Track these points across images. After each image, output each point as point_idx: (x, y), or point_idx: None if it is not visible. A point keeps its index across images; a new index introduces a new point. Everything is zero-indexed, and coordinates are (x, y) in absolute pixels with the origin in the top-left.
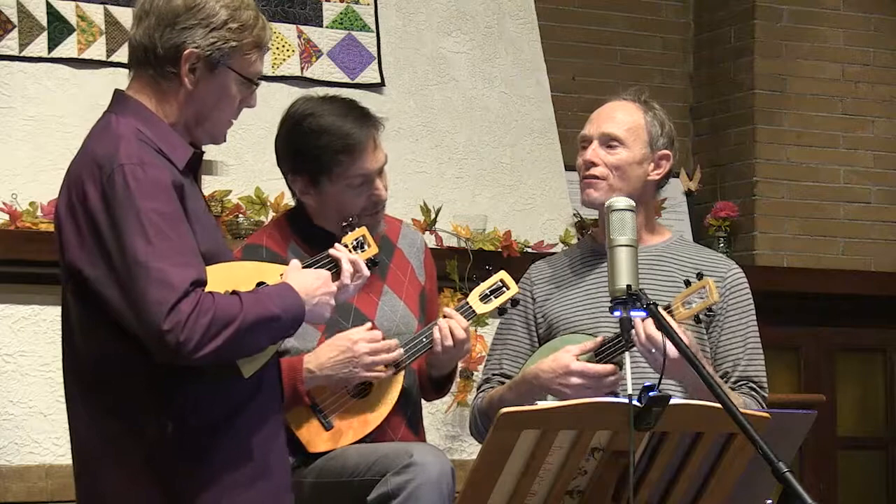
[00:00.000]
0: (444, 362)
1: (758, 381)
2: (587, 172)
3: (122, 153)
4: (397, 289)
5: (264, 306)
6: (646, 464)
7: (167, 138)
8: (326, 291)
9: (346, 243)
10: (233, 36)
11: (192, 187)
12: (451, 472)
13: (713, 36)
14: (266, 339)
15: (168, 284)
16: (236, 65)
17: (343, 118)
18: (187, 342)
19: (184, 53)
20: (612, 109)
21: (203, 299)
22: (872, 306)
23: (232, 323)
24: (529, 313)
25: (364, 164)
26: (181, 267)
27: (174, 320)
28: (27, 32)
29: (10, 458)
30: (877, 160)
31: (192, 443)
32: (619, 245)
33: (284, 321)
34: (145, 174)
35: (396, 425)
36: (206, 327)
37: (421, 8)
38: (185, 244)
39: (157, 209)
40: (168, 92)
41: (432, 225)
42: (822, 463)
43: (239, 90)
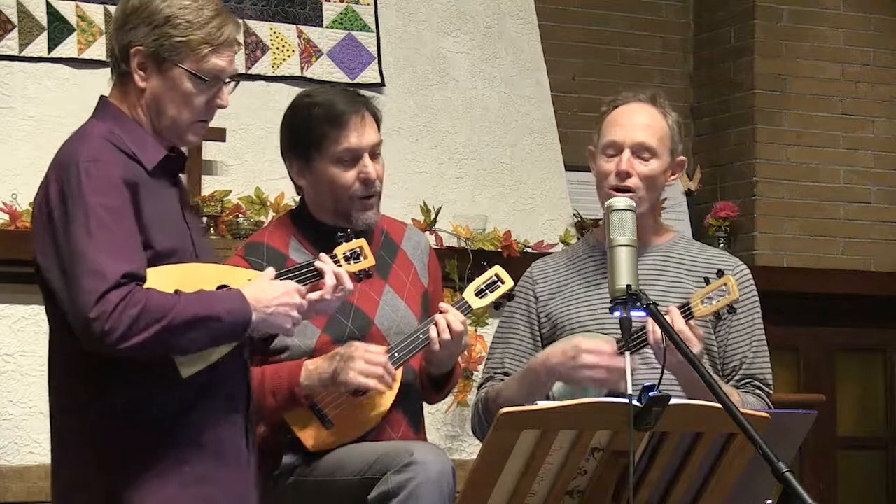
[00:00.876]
0: (442, 359)
1: (763, 378)
2: (623, 183)
3: (81, 152)
4: (399, 289)
5: (204, 306)
6: (646, 464)
7: (139, 140)
8: (286, 303)
9: (337, 253)
10: (177, 32)
11: (163, 188)
12: (451, 471)
13: (713, 36)
14: (203, 339)
15: (100, 274)
16: (185, 61)
17: (334, 95)
18: (111, 332)
19: (131, 51)
20: (639, 115)
21: (134, 292)
22: (872, 306)
23: (163, 318)
24: (532, 312)
25: (350, 138)
26: (117, 259)
27: (101, 309)
28: (27, 32)
29: (10, 458)
30: (877, 160)
31: (136, 437)
32: (619, 245)
33: (225, 324)
34: (97, 171)
35: (397, 422)
36: (134, 319)
37: (421, 8)
38: (126, 238)
39: (104, 203)
40: (129, 92)
41: (432, 225)
42: (822, 463)
43: (196, 88)
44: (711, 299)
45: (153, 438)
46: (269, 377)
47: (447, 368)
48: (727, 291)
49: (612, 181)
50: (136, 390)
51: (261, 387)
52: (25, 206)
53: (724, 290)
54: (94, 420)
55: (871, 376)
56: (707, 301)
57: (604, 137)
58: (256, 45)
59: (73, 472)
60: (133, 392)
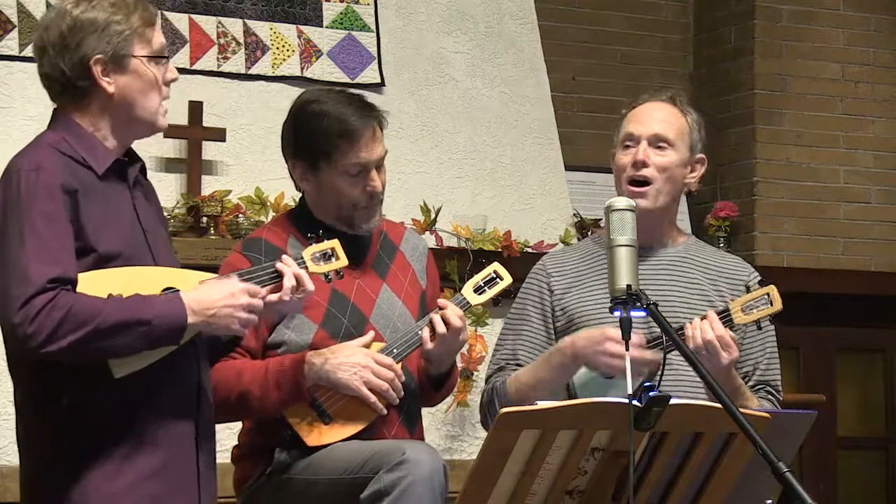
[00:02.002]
0: (441, 356)
1: (774, 385)
2: (638, 172)
3: (24, 160)
4: (396, 288)
5: (133, 311)
6: (646, 464)
7: (90, 147)
8: (230, 304)
9: (304, 255)
10: (121, 28)
11: (115, 191)
12: (443, 469)
13: (713, 36)
14: (134, 343)
15: (27, 280)
16: (139, 49)
17: (345, 106)
18: (35, 336)
19: (90, 63)
20: (656, 110)
21: (59, 296)
22: (872, 306)
23: (89, 322)
24: (547, 304)
25: (361, 153)
26: (45, 264)
27: (25, 314)
28: (27, 32)
29: (10, 458)
30: (877, 160)
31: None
32: (619, 245)
33: (156, 327)
34: (37, 178)
35: (391, 421)
36: (58, 323)
37: (421, 8)
38: (57, 244)
39: (39, 210)
40: (93, 104)
41: (432, 225)
42: (822, 463)
43: (157, 70)
44: (752, 308)
45: (98, 438)
46: (272, 370)
47: (446, 367)
48: (770, 302)
49: (629, 172)
50: (79, 391)
51: (264, 380)
52: None
53: (766, 300)
54: (42, 421)
55: (871, 376)
56: (748, 310)
57: (621, 133)
58: (256, 45)
59: (29, 472)
60: (75, 393)
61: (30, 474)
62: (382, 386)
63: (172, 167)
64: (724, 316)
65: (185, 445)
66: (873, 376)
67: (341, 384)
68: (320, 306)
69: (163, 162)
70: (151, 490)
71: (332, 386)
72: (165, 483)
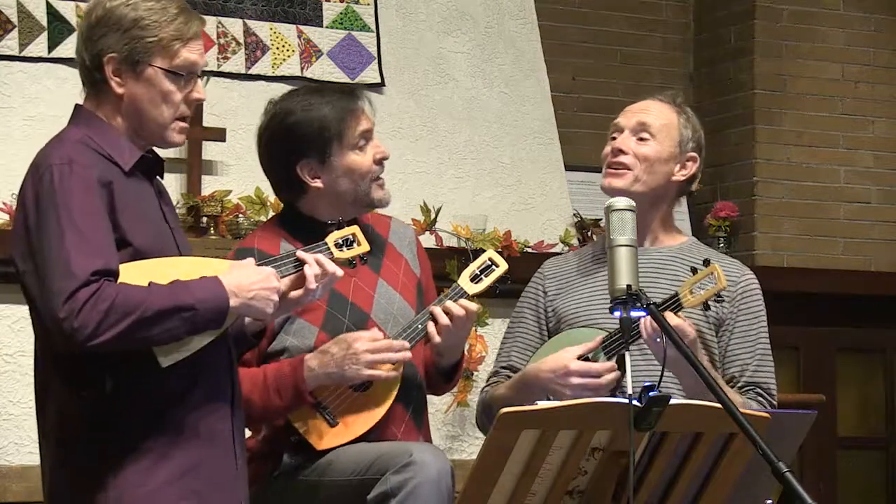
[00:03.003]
0: (450, 347)
1: (766, 387)
2: (614, 159)
3: (55, 155)
4: (392, 282)
5: (176, 296)
6: (646, 464)
7: (114, 142)
8: (265, 286)
9: (328, 242)
10: (146, 33)
11: (142, 188)
12: (450, 471)
13: (713, 36)
14: (179, 329)
15: (70, 274)
16: (158, 60)
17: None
18: (82, 329)
19: (104, 59)
20: (647, 104)
21: (103, 288)
22: (872, 306)
23: (133, 311)
24: (541, 307)
25: (362, 121)
26: (87, 257)
27: (70, 308)
28: (27, 32)
29: (10, 458)
30: (877, 160)
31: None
32: (619, 245)
33: (200, 312)
34: (71, 171)
35: (399, 417)
36: (104, 315)
37: (421, 8)
38: (96, 236)
39: (77, 204)
40: (106, 100)
41: (432, 225)
42: (822, 463)
43: (173, 85)
44: (700, 289)
45: (138, 432)
46: (271, 376)
47: (457, 357)
48: (714, 280)
49: (609, 159)
50: (121, 383)
51: (265, 387)
52: None
53: (712, 279)
54: (78, 413)
55: (871, 376)
56: (695, 292)
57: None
58: (256, 45)
59: (63, 469)
60: (117, 385)
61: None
62: (384, 357)
63: (172, 167)
64: (674, 301)
65: (223, 441)
66: (873, 376)
67: (347, 379)
68: (319, 309)
69: None
70: (192, 486)
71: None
72: (205, 479)
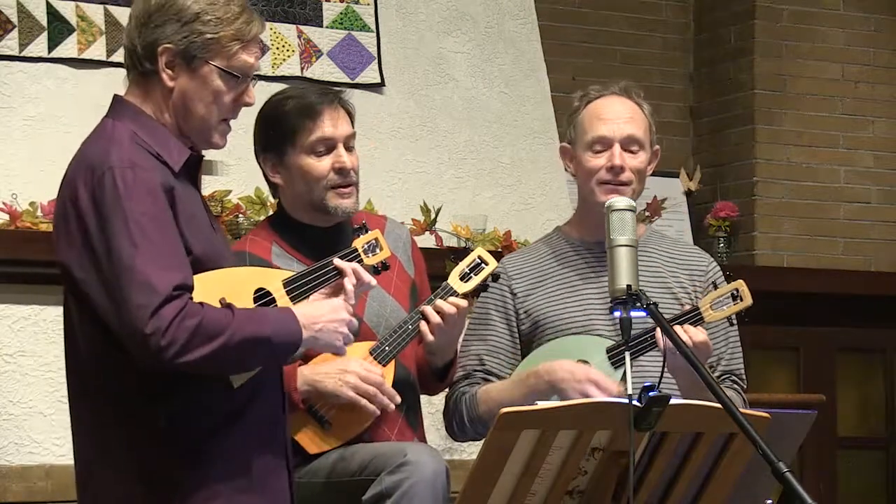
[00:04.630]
0: (443, 346)
1: (739, 373)
2: (618, 178)
3: (113, 156)
4: (385, 283)
5: (257, 326)
6: (646, 464)
7: (163, 141)
8: (335, 319)
9: (357, 247)
10: (207, 29)
11: (189, 190)
12: (445, 471)
13: (713, 36)
14: (253, 359)
15: (152, 288)
16: (216, 58)
17: (307, 90)
18: (169, 347)
19: (158, 49)
20: (620, 107)
21: (189, 305)
22: (872, 306)
23: (220, 335)
24: (510, 308)
25: (324, 128)
26: (166, 270)
27: (156, 324)
28: (27, 32)
29: (10, 458)
30: (877, 160)
31: (184, 447)
32: (619, 245)
33: (275, 345)
34: (135, 176)
35: (393, 419)
36: (191, 334)
37: (421, 8)
38: (171, 248)
39: (145, 212)
40: (153, 92)
41: (432, 225)
42: (822, 463)
43: (226, 85)
44: (722, 305)
45: (199, 450)
46: None
47: (450, 356)
48: (740, 297)
49: (605, 176)
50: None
51: None
52: (25, 206)
53: (736, 295)
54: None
55: (871, 376)
56: (717, 307)
57: (587, 134)
58: None
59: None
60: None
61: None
62: (370, 391)
63: None
64: (695, 315)
65: (278, 456)
66: (873, 376)
67: (328, 392)
68: None
69: None
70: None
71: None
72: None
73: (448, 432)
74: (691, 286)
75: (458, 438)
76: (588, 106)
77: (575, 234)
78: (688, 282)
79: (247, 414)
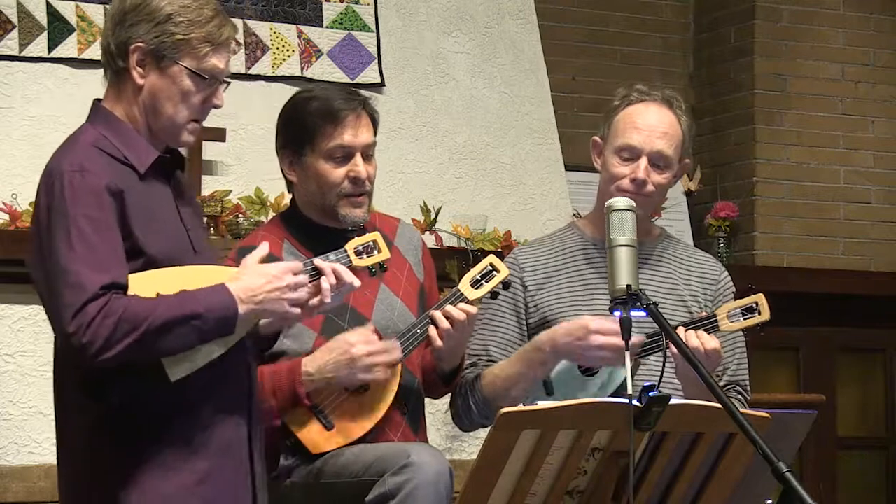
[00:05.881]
0: (452, 350)
1: (744, 385)
2: (640, 191)
3: (65, 161)
4: (394, 286)
5: (183, 306)
6: (646, 464)
7: (132, 143)
8: (276, 286)
9: (348, 248)
10: (178, 30)
11: (156, 190)
12: (448, 472)
13: (713, 36)
14: (188, 338)
15: (80, 288)
16: (185, 59)
17: (333, 92)
18: (91, 344)
19: (130, 48)
20: (657, 118)
21: (111, 301)
22: (872, 306)
23: (141, 323)
24: (520, 300)
25: (345, 135)
26: (96, 271)
27: (79, 323)
28: (27, 32)
29: (10, 458)
30: (877, 160)
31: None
32: (619, 245)
33: (208, 319)
34: (82, 180)
35: (396, 423)
36: (113, 329)
37: (421, 8)
38: (107, 249)
39: (86, 214)
40: (125, 90)
41: (432, 225)
42: (822, 463)
43: (195, 86)
44: (738, 317)
45: (151, 439)
46: (267, 378)
47: (458, 361)
48: (758, 311)
49: (628, 186)
50: (130, 392)
51: (261, 388)
52: (25, 206)
53: (754, 308)
54: (93, 420)
55: (871, 376)
56: (733, 317)
57: (618, 138)
58: (256, 45)
59: (76, 472)
60: (127, 394)
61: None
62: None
63: None
64: (711, 323)
65: (238, 450)
66: (873, 376)
67: (344, 382)
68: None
69: None
70: (204, 494)
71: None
72: (217, 488)
73: (455, 422)
74: (703, 294)
75: (464, 426)
76: (626, 108)
77: (589, 232)
78: (699, 289)
79: (199, 410)
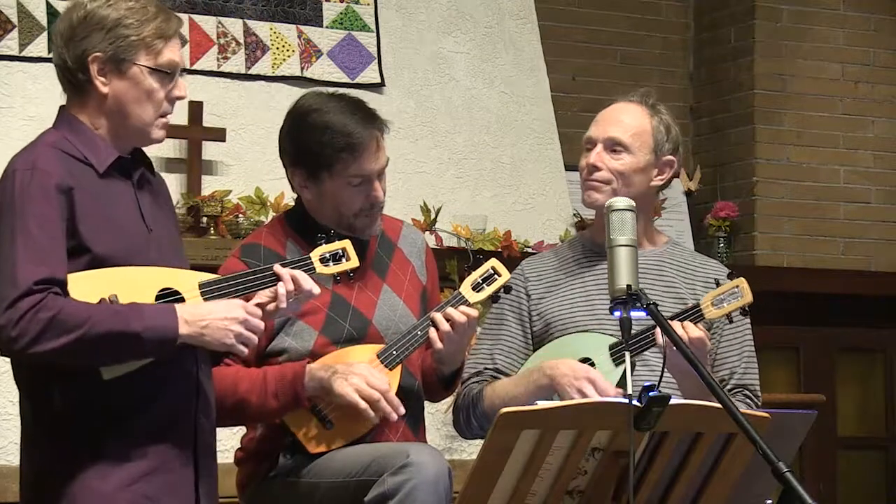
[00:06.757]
0: (452, 353)
1: (753, 389)
2: (590, 177)
3: (20, 160)
4: (397, 288)
5: (123, 321)
6: (646, 464)
7: (91, 143)
8: (226, 318)
9: (312, 256)
10: (130, 31)
11: (116, 188)
12: (447, 472)
13: (713, 36)
14: (122, 354)
15: (15, 282)
16: (143, 58)
17: (348, 116)
18: (19, 338)
19: (88, 59)
20: (618, 112)
21: (47, 299)
22: (872, 306)
23: (76, 329)
24: (524, 309)
25: (364, 165)
26: (33, 265)
27: (9, 317)
28: (27, 32)
29: (11, 458)
30: (877, 160)
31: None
32: (619, 245)
33: (145, 341)
34: (32, 178)
35: (395, 425)
36: (43, 327)
37: (421, 8)
38: (47, 245)
39: (32, 211)
40: (90, 102)
41: (432, 225)
42: (822, 463)
43: (158, 83)
44: (723, 301)
45: (95, 437)
46: (271, 379)
47: (458, 364)
48: (740, 294)
49: (585, 175)
50: (70, 391)
51: (263, 389)
52: None
53: (736, 293)
54: (37, 420)
55: (871, 376)
56: (717, 304)
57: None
58: (256, 45)
59: (27, 472)
60: (67, 393)
61: (27, 474)
62: (374, 395)
63: (172, 167)
64: (696, 311)
65: (182, 447)
66: (873, 376)
67: (334, 393)
68: (320, 312)
69: (163, 162)
70: (145, 491)
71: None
72: (159, 484)
73: (455, 429)
74: None
75: (465, 435)
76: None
77: (589, 237)
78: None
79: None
